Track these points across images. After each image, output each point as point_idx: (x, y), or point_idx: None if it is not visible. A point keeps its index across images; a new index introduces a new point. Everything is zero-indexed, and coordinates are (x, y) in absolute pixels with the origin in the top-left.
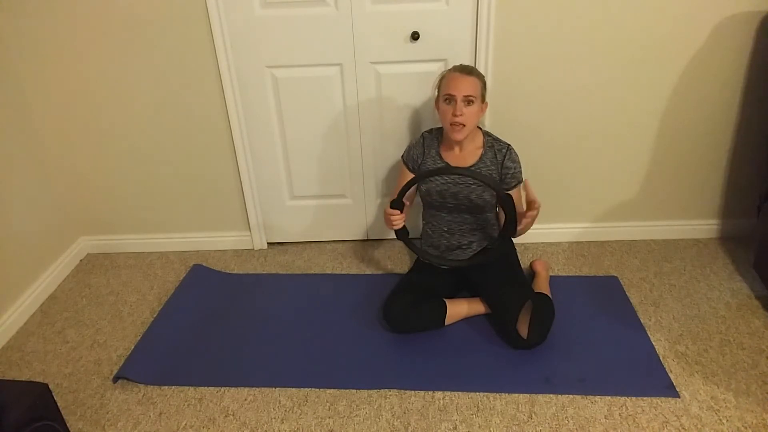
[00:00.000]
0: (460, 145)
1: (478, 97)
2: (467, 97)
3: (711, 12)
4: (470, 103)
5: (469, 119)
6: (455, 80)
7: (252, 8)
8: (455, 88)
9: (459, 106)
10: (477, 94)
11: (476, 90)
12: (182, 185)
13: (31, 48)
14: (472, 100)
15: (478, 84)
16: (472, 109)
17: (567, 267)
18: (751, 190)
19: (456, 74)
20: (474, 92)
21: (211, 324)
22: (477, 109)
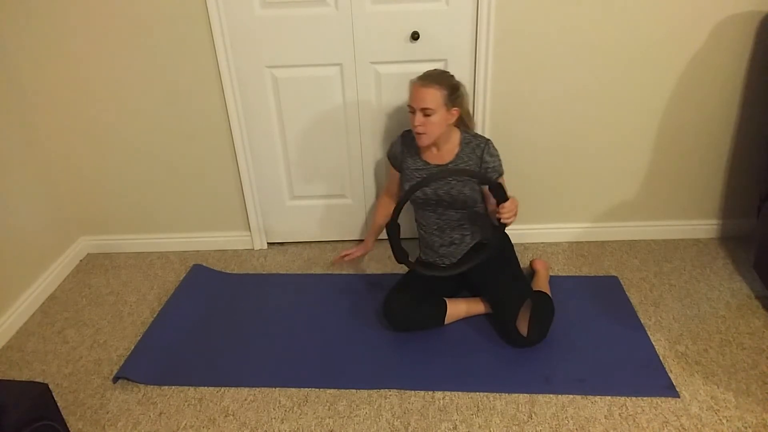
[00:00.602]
0: (436, 145)
1: (439, 108)
2: (424, 109)
3: (711, 12)
4: (428, 114)
5: (429, 129)
6: (414, 92)
7: (252, 8)
8: (413, 100)
9: (417, 117)
10: (436, 106)
11: (435, 101)
12: (182, 185)
13: (31, 48)
14: (430, 113)
15: (438, 94)
16: (432, 120)
17: (567, 267)
18: (751, 190)
19: (416, 85)
20: (432, 104)
21: (211, 324)
22: (438, 118)
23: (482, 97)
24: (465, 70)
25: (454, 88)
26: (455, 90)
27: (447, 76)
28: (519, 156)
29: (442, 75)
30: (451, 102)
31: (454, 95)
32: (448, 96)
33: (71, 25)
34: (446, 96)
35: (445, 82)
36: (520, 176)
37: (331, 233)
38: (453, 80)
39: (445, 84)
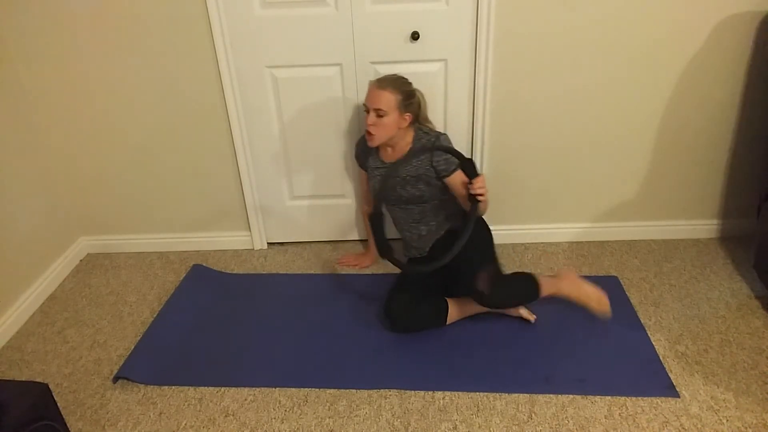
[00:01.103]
0: (391, 145)
1: (392, 110)
2: (377, 110)
3: (711, 12)
4: (381, 115)
5: (379, 130)
6: (369, 92)
7: (252, 8)
8: (368, 99)
9: (370, 116)
10: (389, 108)
11: (388, 104)
12: (182, 185)
13: (31, 48)
14: (382, 114)
15: (392, 98)
16: (383, 121)
17: (567, 267)
18: (751, 190)
19: (373, 86)
20: (385, 106)
21: (211, 324)
22: (390, 121)
23: (482, 97)
24: (465, 70)
25: (409, 94)
26: (409, 96)
27: (403, 82)
28: (519, 156)
29: (398, 80)
30: (404, 107)
31: (408, 101)
32: (402, 101)
33: (71, 25)
34: (400, 101)
35: (400, 88)
36: (520, 176)
37: (331, 233)
38: (409, 87)
39: (400, 89)
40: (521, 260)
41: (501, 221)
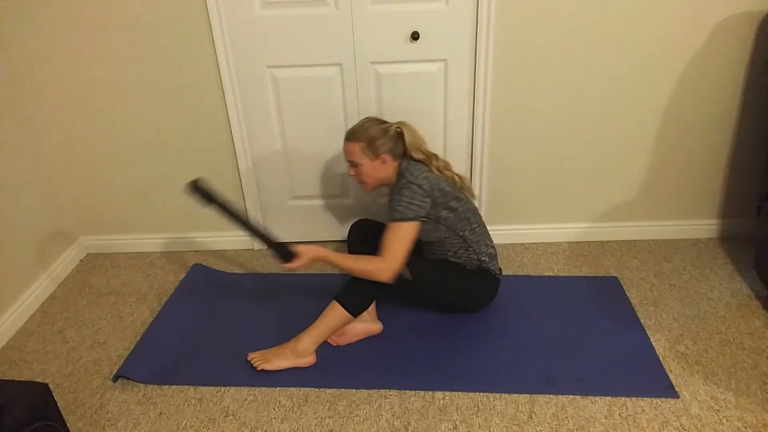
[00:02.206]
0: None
1: (362, 159)
2: (350, 162)
3: (711, 12)
4: (355, 165)
5: (363, 179)
6: (343, 147)
7: (252, 8)
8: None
9: (349, 168)
10: (357, 158)
11: (354, 154)
12: (182, 185)
13: (31, 48)
14: (354, 164)
15: (355, 148)
16: (360, 170)
17: (567, 267)
18: (751, 190)
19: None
20: (353, 157)
21: (211, 324)
22: (366, 169)
23: (482, 97)
24: (465, 70)
25: (371, 139)
26: (372, 141)
27: (367, 127)
28: (519, 155)
29: (361, 127)
30: (372, 152)
31: (373, 146)
32: (366, 147)
33: (71, 26)
34: (363, 148)
35: (361, 137)
36: (520, 176)
37: (332, 233)
38: (371, 131)
39: (361, 137)
40: (521, 260)
41: (501, 221)
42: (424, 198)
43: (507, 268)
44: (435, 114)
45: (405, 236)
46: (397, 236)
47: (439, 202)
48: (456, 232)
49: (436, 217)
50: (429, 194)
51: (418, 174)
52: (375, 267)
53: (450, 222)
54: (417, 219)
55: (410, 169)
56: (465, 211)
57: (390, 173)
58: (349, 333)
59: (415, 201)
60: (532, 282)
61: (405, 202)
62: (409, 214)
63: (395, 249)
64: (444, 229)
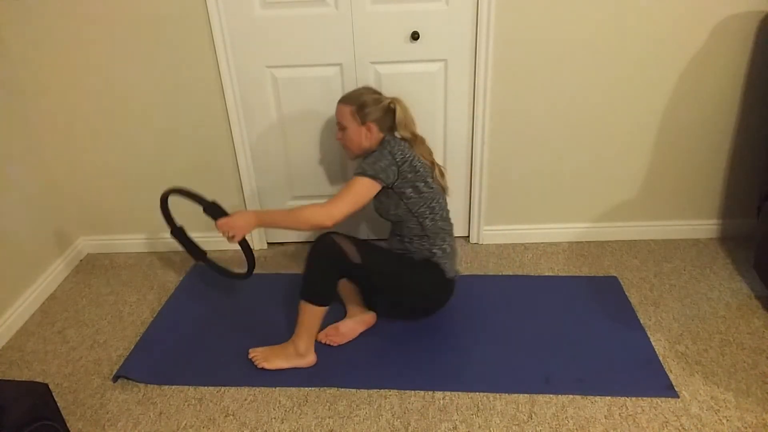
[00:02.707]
0: None
1: (349, 123)
2: (338, 123)
3: (711, 12)
4: (342, 128)
5: (347, 143)
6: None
7: (252, 8)
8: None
9: (337, 131)
10: (346, 121)
11: (343, 117)
12: (182, 185)
13: (31, 48)
14: (341, 127)
15: (347, 110)
16: (346, 134)
17: (567, 267)
18: (751, 190)
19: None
20: (342, 119)
21: (211, 324)
22: (351, 134)
23: (482, 97)
24: (465, 70)
25: (362, 105)
26: (363, 107)
27: (361, 93)
28: (519, 155)
29: (356, 92)
30: (360, 118)
31: (362, 111)
32: (356, 111)
33: (71, 26)
34: (352, 111)
35: (353, 101)
36: (520, 176)
37: None
38: (364, 97)
39: (354, 101)
40: (521, 260)
41: (501, 221)
42: (391, 165)
43: (507, 268)
44: (435, 114)
45: (358, 190)
46: (349, 188)
47: (406, 177)
48: (416, 216)
49: (399, 193)
50: (397, 165)
51: (395, 145)
52: (314, 210)
53: (412, 203)
54: (376, 179)
55: (390, 141)
56: (431, 199)
57: (374, 143)
58: (345, 330)
59: (381, 163)
60: (532, 282)
61: (371, 161)
62: (368, 171)
63: (342, 198)
64: (404, 209)
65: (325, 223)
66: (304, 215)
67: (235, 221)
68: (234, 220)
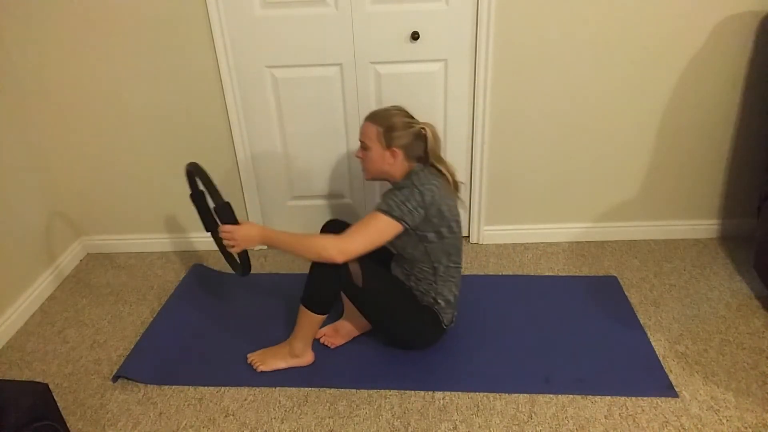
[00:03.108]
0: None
1: (373, 144)
2: (362, 142)
3: (711, 12)
4: (365, 148)
5: (367, 164)
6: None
7: (252, 8)
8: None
9: (358, 149)
10: (369, 141)
11: (368, 136)
12: (182, 185)
13: (31, 48)
14: (365, 147)
15: (372, 130)
16: (368, 154)
17: (567, 267)
18: (751, 190)
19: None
20: (366, 138)
21: (211, 324)
22: (374, 155)
23: (482, 97)
24: (465, 70)
25: (390, 127)
26: (391, 129)
27: (392, 114)
28: (519, 155)
29: (385, 112)
30: (386, 141)
31: (390, 135)
32: (382, 134)
33: (71, 25)
34: (379, 133)
35: (382, 121)
36: (520, 176)
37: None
38: (394, 119)
39: (381, 122)
40: (521, 260)
41: (501, 221)
42: (418, 207)
43: (507, 268)
44: (435, 114)
45: (378, 228)
46: (368, 224)
47: (432, 221)
48: (432, 261)
49: (420, 236)
50: (425, 208)
51: (426, 182)
52: (327, 243)
53: (432, 248)
54: (401, 221)
55: (420, 174)
56: (451, 246)
57: (396, 170)
58: (342, 332)
59: (409, 204)
60: (532, 282)
61: (398, 199)
62: (394, 212)
63: (359, 234)
64: (422, 251)
65: (335, 259)
66: (316, 246)
67: (239, 232)
68: (238, 231)
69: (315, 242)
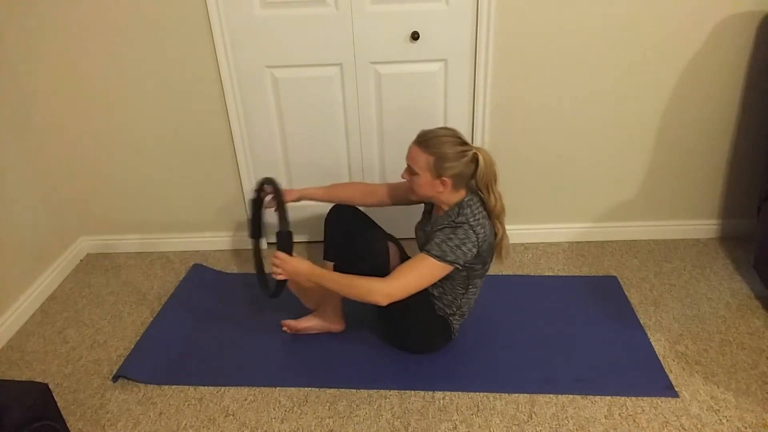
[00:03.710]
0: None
1: (422, 171)
2: (409, 167)
3: (711, 12)
4: (412, 173)
5: (413, 186)
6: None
7: (252, 8)
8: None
9: (405, 171)
10: (418, 167)
11: (417, 163)
12: (182, 185)
13: (31, 47)
14: (412, 172)
15: (422, 158)
16: (416, 180)
17: (567, 267)
18: (751, 190)
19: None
20: (414, 164)
21: (211, 324)
22: (422, 182)
23: (482, 97)
24: (465, 70)
25: (442, 158)
26: (443, 160)
27: (442, 142)
28: (519, 156)
29: (437, 139)
30: (437, 171)
31: (441, 165)
32: (433, 164)
33: (71, 25)
34: (429, 162)
35: (433, 150)
36: (520, 176)
37: None
38: (446, 149)
39: (433, 151)
40: (521, 260)
41: None
42: (473, 247)
43: (507, 268)
44: (435, 114)
45: (428, 273)
46: (418, 268)
47: (482, 256)
48: (468, 284)
49: (468, 267)
50: (478, 246)
51: (479, 216)
52: (373, 287)
53: (473, 274)
54: (454, 264)
55: (472, 207)
56: (479, 277)
57: (445, 197)
58: (306, 324)
59: (464, 247)
60: (532, 282)
61: (454, 244)
62: (449, 257)
63: (407, 279)
64: (463, 277)
65: (381, 303)
66: (362, 289)
67: (290, 264)
68: (290, 263)
69: (361, 285)
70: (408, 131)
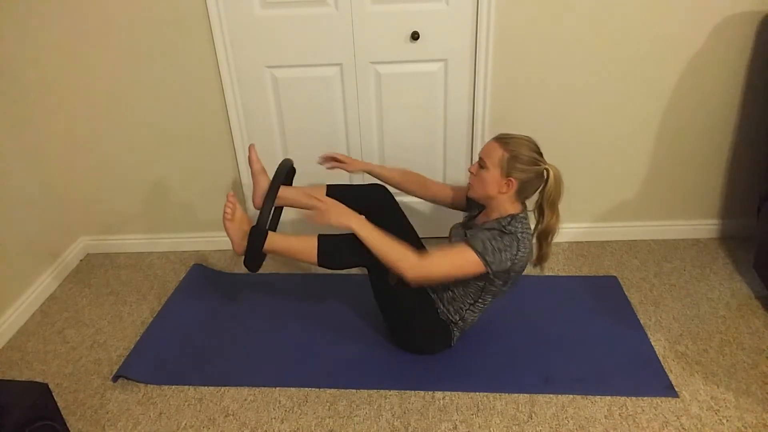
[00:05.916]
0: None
1: (494, 167)
2: (481, 159)
3: (711, 12)
4: (482, 166)
5: (476, 181)
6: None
7: (252, 8)
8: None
9: (475, 163)
10: (490, 161)
11: (491, 156)
12: (182, 185)
13: (31, 48)
14: (482, 165)
15: (498, 152)
16: (482, 173)
17: (567, 267)
18: (751, 190)
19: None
20: (487, 156)
21: (211, 324)
22: (489, 177)
23: (482, 97)
24: (465, 70)
25: (517, 157)
26: (516, 159)
27: (521, 144)
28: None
29: (517, 139)
30: (507, 169)
31: (513, 164)
32: (507, 160)
33: (71, 26)
34: (503, 158)
35: (510, 147)
36: None
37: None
38: (523, 150)
39: (510, 147)
40: None
41: None
42: (511, 259)
43: None
44: (435, 114)
45: (460, 265)
46: (454, 256)
47: (509, 273)
48: (481, 297)
49: (490, 279)
50: (515, 261)
51: (527, 234)
52: (406, 256)
53: (489, 289)
54: (488, 267)
55: (524, 222)
56: (498, 293)
57: (502, 202)
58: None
59: (504, 254)
60: (532, 282)
61: (498, 247)
62: (488, 256)
63: (440, 262)
64: (477, 288)
65: (406, 273)
66: (397, 254)
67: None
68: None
69: (398, 250)
70: (408, 131)
